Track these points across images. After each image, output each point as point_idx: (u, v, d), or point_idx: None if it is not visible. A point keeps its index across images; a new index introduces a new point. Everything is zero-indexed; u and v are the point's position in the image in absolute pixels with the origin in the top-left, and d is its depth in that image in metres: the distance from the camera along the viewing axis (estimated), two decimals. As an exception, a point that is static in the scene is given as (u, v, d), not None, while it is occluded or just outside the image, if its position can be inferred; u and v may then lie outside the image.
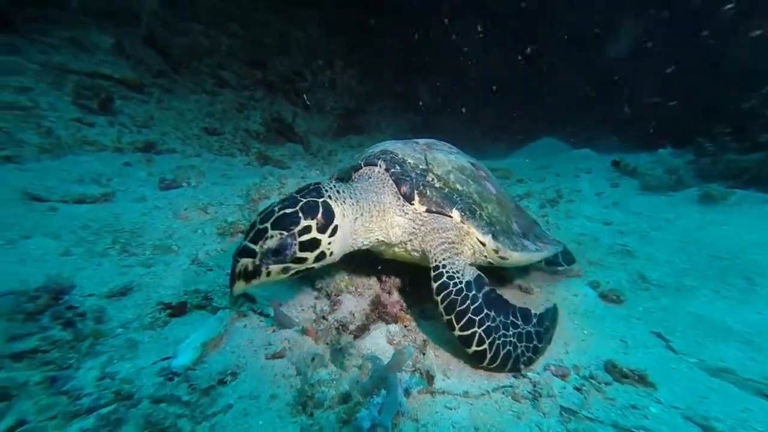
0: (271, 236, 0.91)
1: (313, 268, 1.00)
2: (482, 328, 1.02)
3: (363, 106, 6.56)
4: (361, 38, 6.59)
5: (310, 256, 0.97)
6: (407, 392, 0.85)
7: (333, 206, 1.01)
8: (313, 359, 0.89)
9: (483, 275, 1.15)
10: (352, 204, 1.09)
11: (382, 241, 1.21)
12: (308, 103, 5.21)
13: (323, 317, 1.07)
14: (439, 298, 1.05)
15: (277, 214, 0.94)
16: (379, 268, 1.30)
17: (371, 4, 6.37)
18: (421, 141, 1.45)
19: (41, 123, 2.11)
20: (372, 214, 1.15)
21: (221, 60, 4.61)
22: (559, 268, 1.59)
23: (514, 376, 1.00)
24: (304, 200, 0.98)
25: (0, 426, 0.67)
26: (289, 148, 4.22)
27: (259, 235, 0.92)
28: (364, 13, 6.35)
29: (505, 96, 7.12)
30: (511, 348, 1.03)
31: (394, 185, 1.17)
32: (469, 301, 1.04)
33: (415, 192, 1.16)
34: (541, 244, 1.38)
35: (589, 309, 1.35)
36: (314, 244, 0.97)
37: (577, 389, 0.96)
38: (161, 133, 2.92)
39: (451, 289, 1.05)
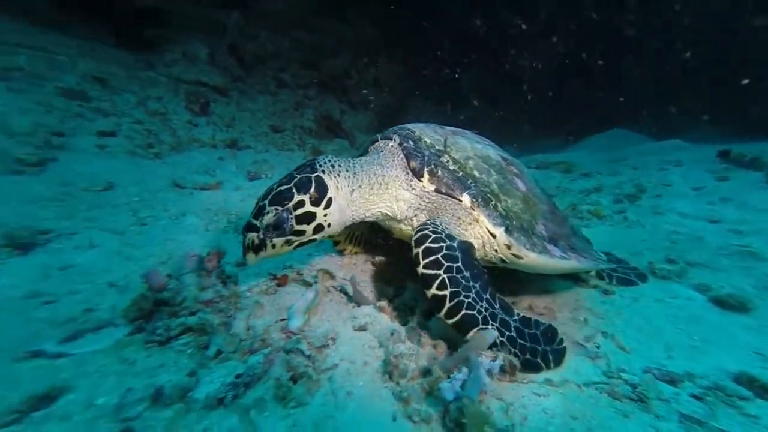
0: (269, 212, 0.98)
1: (315, 239, 1.06)
2: (448, 274, 0.99)
3: (404, 102, 6.75)
4: (405, 34, 6.70)
5: (308, 228, 1.03)
6: (489, 374, 0.85)
7: (326, 180, 1.06)
8: (392, 334, 0.98)
9: (473, 245, 1.13)
10: (348, 177, 1.12)
11: (387, 215, 1.22)
12: (367, 94, 5.59)
13: (389, 300, 1.17)
14: (413, 234, 1.06)
15: (274, 191, 1.02)
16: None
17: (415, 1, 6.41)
18: (448, 128, 1.44)
19: (170, 125, 2.89)
20: (372, 186, 1.16)
21: (282, 63, 5.26)
22: (612, 287, 1.43)
23: (606, 374, 0.96)
24: (298, 176, 1.04)
25: (210, 352, 0.92)
26: (337, 143, 4.71)
27: (260, 212, 1.00)
28: (407, 9, 6.44)
29: (562, 87, 6.61)
30: (477, 315, 0.98)
31: (405, 159, 1.18)
32: (443, 245, 1.02)
33: (425, 169, 1.16)
34: (573, 254, 1.29)
35: (696, 314, 1.25)
36: (310, 216, 1.02)
37: (697, 398, 0.89)
38: (240, 132, 3.62)
39: (429, 230, 1.06)
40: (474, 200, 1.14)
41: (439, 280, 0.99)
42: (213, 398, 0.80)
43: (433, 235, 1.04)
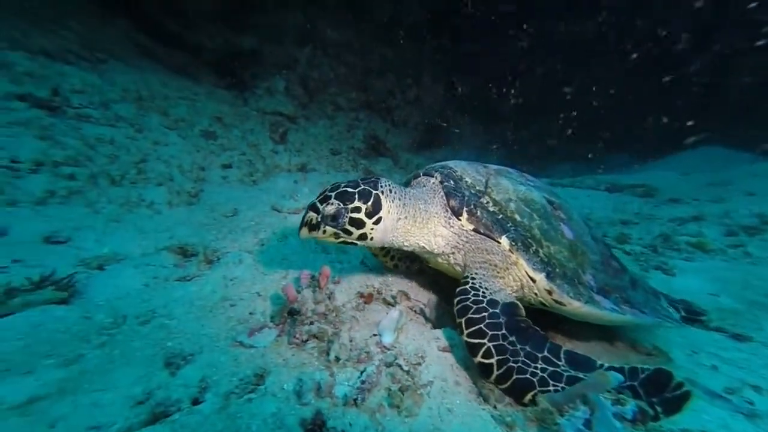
0: (332, 203, 1.16)
1: (355, 244, 1.21)
2: (493, 343, 1.00)
3: (446, 121, 7.11)
4: (448, 55, 7.05)
5: (355, 232, 1.18)
6: (619, 418, 0.80)
7: (382, 200, 1.20)
8: None
9: (519, 304, 1.13)
10: (399, 205, 1.24)
11: (424, 248, 1.30)
12: (409, 113, 6.12)
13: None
14: (455, 301, 1.10)
15: (341, 189, 1.19)
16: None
17: (457, 21, 6.72)
18: (493, 167, 1.50)
19: (261, 154, 3.73)
20: (415, 219, 1.26)
21: (338, 87, 6.04)
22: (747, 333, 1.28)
23: None
24: (362, 186, 1.20)
25: (330, 357, 1.06)
26: (383, 162, 5.23)
27: (325, 200, 1.17)
28: (450, 30, 6.78)
29: (627, 99, 6.27)
30: (532, 378, 0.95)
31: (445, 198, 1.27)
32: (486, 314, 1.05)
33: (464, 209, 1.24)
34: (628, 308, 1.24)
35: None
36: (360, 223, 1.17)
37: None
38: (307, 155, 4.35)
39: (470, 296, 1.09)
40: (513, 243, 1.18)
41: (484, 349, 1.01)
42: (349, 398, 0.95)
43: (475, 306, 1.08)
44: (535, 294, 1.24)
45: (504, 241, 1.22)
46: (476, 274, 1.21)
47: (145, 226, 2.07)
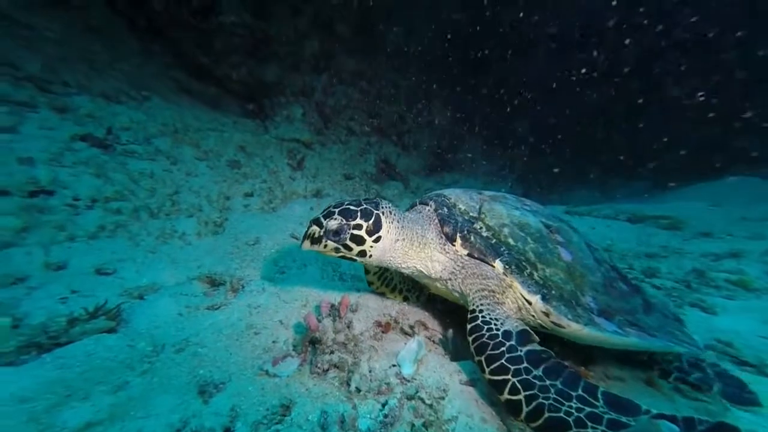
0: (335, 219, 1.24)
1: (355, 259, 1.29)
2: (518, 378, 0.98)
3: (457, 145, 7.40)
4: (458, 79, 7.44)
5: (355, 248, 1.25)
6: None
7: (383, 220, 1.28)
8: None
9: (529, 330, 1.14)
10: (398, 227, 1.31)
11: (422, 272, 1.36)
12: (420, 137, 6.44)
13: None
14: (470, 339, 1.10)
15: (344, 206, 1.28)
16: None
17: (468, 48, 7.14)
18: (488, 193, 1.56)
19: (279, 181, 4.02)
20: (413, 242, 1.32)
21: (351, 113, 6.45)
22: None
23: None
24: (365, 206, 1.29)
25: (351, 388, 1.09)
26: (394, 186, 5.41)
27: (329, 215, 1.26)
28: (461, 56, 7.20)
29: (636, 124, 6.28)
30: (566, 417, 0.90)
31: (439, 225, 1.35)
32: (504, 349, 1.05)
33: (458, 234, 1.30)
34: (634, 330, 1.22)
35: None
36: (360, 240, 1.25)
37: None
38: (322, 181, 4.56)
39: (484, 332, 1.09)
40: (507, 267, 1.22)
41: (509, 385, 1.00)
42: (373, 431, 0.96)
43: (491, 342, 1.08)
44: (533, 316, 1.26)
45: (498, 264, 1.26)
46: (481, 305, 1.23)
47: (177, 256, 2.29)
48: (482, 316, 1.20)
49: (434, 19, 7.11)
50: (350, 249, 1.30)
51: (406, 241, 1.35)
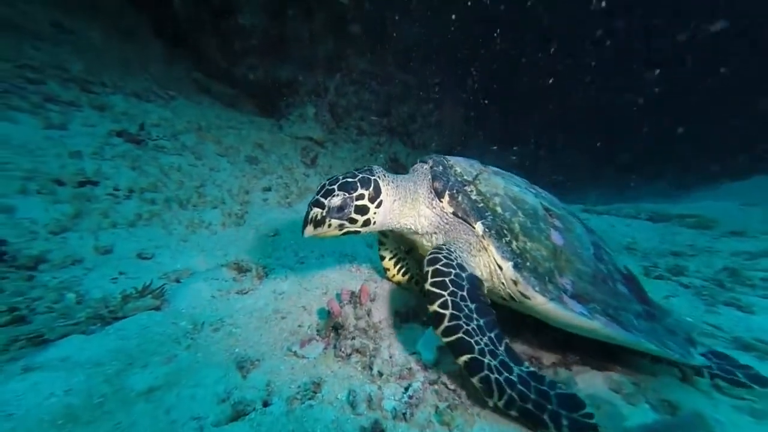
0: (337, 195, 1.26)
1: (359, 231, 1.33)
2: (452, 298, 1.09)
3: (466, 142, 7.52)
4: (469, 78, 7.58)
5: (360, 219, 1.29)
6: None
7: (381, 184, 1.34)
8: None
9: (482, 282, 1.23)
10: (393, 188, 1.38)
11: (411, 228, 1.43)
12: (429, 136, 6.60)
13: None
14: (426, 258, 1.22)
15: (341, 181, 1.30)
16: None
17: (479, 46, 7.27)
18: (494, 168, 1.60)
19: (294, 177, 4.22)
20: (406, 200, 1.39)
21: (362, 113, 6.65)
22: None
23: None
24: (361, 175, 1.32)
25: (374, 371, 1.20)
26: None
27: (329, 193, 1.27)
28: (471, 54, 7.33)
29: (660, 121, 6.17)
30: (474, 344, 1.03)
31: (431, 181, 1.40)
32: (453, 272, 1.15)
33: (447, 192, 1.35)
34: (605, 319, 1.23)
35: None
36: (364, 210, 1.29)
37: None
38: None
39: (443, 253, 1.20)
40: (486, 230, 1.27)
41: (441, 300, 1.12)
42: (398, 412, 1.04)
43: (445, 260, 1.19)
44: (503, 284, 1.30)
45: (478, 226, 1.31)
46: (453, 245, 1.33)
47: (205, 244, 2.49)
48: (448, 247, 1.30)
49: (445, 19, 7.27)
50: (355, 221, 1.33)
51: (401, 200, 1.41)
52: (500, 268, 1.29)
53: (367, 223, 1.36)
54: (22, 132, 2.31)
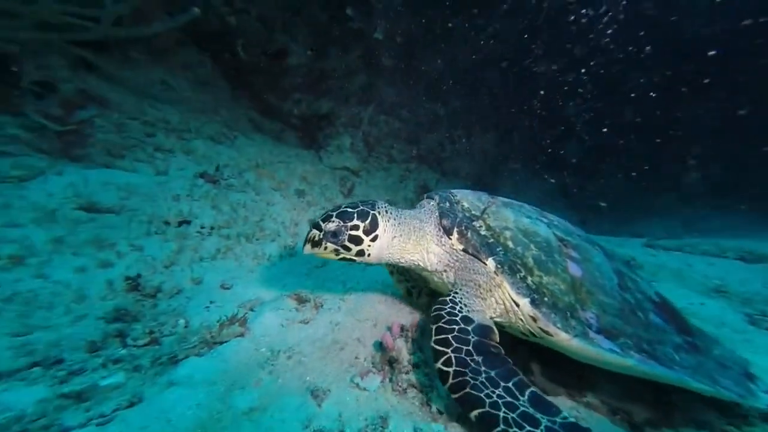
0: (333, 221, 1.38)
1: (354, 260, 1.43)
2: (455, 354, 1.07)
3: (497, 169, 7.72)
4: (499, 102, 7.86)
5: (354, 248, 1.38)
6: None
7: (379, 220, 1.41)
8: None
9: (494, 329, 1.20)
10: (395, 225, 1.45)
11: (419, 264, 1.49)
12: (458, 163, 6.89)
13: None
14: (432, 308, 1.24)
15: (341, 209, 1.42)
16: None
17: (508, 68, 7.53)
18: (502, 199, 1.62)
19: (334, 208, 4.72)
20: (410, 237, 1.44)
21: (392, 141, 7.16)
22: None
23: None
24: (361, 207, 1.42)
25: (433, 409, 1.23)
26: None
27: (327, 218, 1.41)
28: (500, 77, 7.62)
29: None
30: (485, 399, 0.99)
31: (439, 218, 1.45)
32: (456, 328, 1.14)
33: (455, 229, 1.39)
34: (639, 355, 1.17)
35: None
36: (358, 240, 1.38)
37: None
38: None
39: (446, 307, 1.20)
40: (499, 266, 1.27)
41: (444, 357, 1.12)
42: None
43: (448, 316, 1.20)
44: (521, 321, 1.30)
45: (490, 262, 1.32)
46: (460, 290, 1.34)
47: (268, 276, 2.91)
48: (454, 297, 1.30)
49: (474, 47, 7.69)
50: (349, 249, 1.44)
51: (404, 237, 1.47)
52: (517, 304, 1.29)
53: (361, 253, 1.46)
54: (142, 180, 2.94)
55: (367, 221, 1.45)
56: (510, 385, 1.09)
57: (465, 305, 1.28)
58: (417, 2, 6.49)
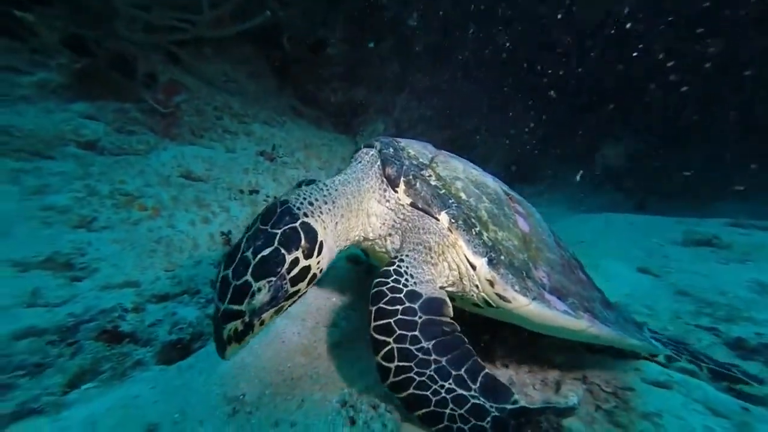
0: (259, 289, 0.90)
1: (305, 292, 1.03)
2: (398, 345, 0.92)
3: (537, 155, 7.71)
4: (535, 92, 7.76)
5: (303, 284, 0.99)
6: None
7: (312, 224, 1.01)
8: None
9: (447, 302, 1.03)
10: (329, 209, 1.09)
11: (362, 236, 1.21)
12: (493, 147, 7.13)
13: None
14: (372, 282, 1.01)
15: (254, 261, 0.92)
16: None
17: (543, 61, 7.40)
18: (447, 152, 1.42)
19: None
20: (351, 209, 1.14)
21: (424, 126, 7.46)
22: None
23: None
24: (280, 230, 0.96)
25: None
26: None
27: (242, 293, 0.90)
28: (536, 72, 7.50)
29: None
30: (431, 397, 0.89)
31: (381, 167, 1.19)
32: (399, 308, 0.96)
33: (402, 178, 1.15)
34: (588, 316, 1.12)
35: None
36: (306, 271, 0.98)
37: None
38: None
39: (389, 281, 1.00)
40: (453, 221, 1.11)
41: (386, 349, 0.95)
42: None
43: (390, 294, 1.00)
44: (477, 287, 1.13)
45: (443, 217, 1.14)
46: (406, 256, 1.12)
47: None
48: (398, 265, 1.09)
49: (508, 31, 7.67)
50: (298, 292, 1.03)
51: (345, 215, 1.17)
52: (473, 267, 1.12)
53: (313, 278, 1.06)
54: (218, 155, 3.69)
55: (302, 239, 1.02)
56: (462, 372, 0.97)
57: (411, 276, 1.09)
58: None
